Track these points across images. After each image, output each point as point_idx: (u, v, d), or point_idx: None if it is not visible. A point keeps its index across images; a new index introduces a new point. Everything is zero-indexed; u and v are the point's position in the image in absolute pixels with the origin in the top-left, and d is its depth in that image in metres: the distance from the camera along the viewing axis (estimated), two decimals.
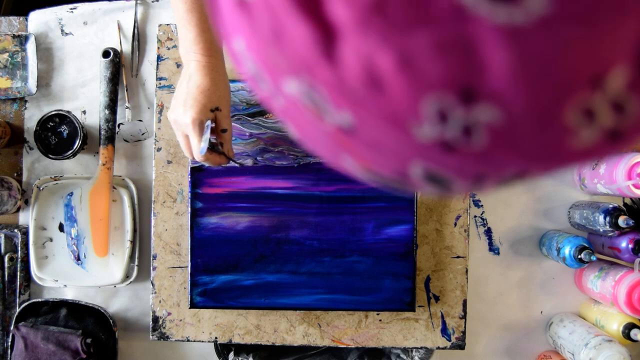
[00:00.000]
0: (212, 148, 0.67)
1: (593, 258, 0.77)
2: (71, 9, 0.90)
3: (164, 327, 0.82)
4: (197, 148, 0.64)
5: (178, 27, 0.66)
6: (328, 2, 0.16)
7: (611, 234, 0.79)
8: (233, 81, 0.77)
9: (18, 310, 0.86)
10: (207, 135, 0.63)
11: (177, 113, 0.64)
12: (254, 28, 0.19)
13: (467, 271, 0.82)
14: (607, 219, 0.78)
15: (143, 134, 0.89)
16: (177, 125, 0.65)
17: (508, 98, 0.16)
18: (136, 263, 0.88)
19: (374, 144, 0.19)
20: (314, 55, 0.17)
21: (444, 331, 0.82)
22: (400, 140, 0.18)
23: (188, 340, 0.82)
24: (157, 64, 0.84)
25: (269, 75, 0.20)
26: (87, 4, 0.90)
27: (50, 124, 0.86)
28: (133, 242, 0.87)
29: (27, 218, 0.90)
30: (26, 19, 0.91)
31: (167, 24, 0.84)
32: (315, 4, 0.17)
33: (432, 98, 0.16)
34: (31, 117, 0.90)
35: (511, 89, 0.15)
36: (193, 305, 0.80)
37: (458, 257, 0.82)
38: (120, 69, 0.89)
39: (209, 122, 0.63)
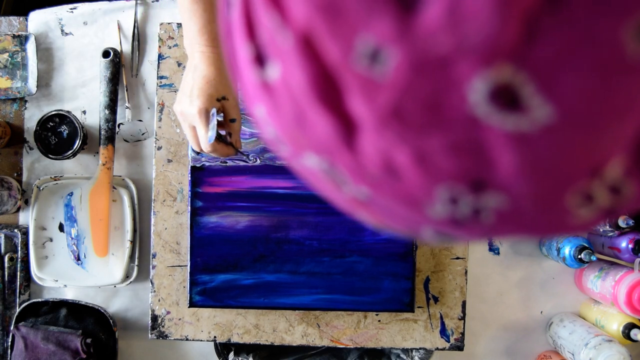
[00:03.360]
0: (220, 138, 0.65)
1: (593, 258, 0.77)
2: (71, 9, 0.91)
3: (163, 326, 0.82)
4: (204, 138, 0.62)
5: (183, 18, 0.65)
6: (349, 99, 0.17)
7: (611, 234, 0.79)
8: None
9: (18, 310, 0.86)
10: (214, 122, 0.62)
11: (183, 104, 0.63)
12: (275, 108, 0.20)
13: (466, 272, 0.82)
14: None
15: (143, 134, 0.89)
16: (184, 116, 0.64)
17: (514, 189, 0.17)
18: (136, 263, 0.88)
19: (389, 212, 0.21)
20: (335, 144, 0.19)
21: (443, 332, 0.82)
22: (413, 215, 0.20)
23: (187, 339, 0.82)
24: (158, 63, 0.84)
25: (289, 144, 0.21)
26: (87, 4, 0.90)
27: (50, 124, 0.86)
28: (133, 242, 0.87)
29: (27, 218, 0.90)
30: (26, 19, 0.91)
31: (169, 23, 0.84)
32: (336, 98, 0.18)
33: (444, 187, 0.18)
34: (31, 117, 0.90)
35: (517, 182, 0.17)
36: (192, 304, 0.80)
37: (457, 258, 0.82)
38: (120, 69, 0.89)
39: (214, 111, 0.62)
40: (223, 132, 0.65)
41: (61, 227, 0.88)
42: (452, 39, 0.15)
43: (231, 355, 0.84)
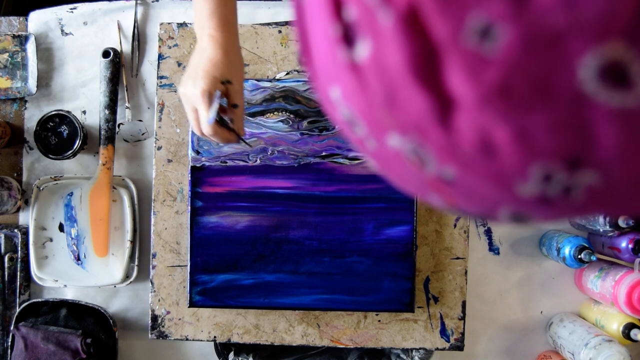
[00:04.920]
0: (222, 123, 0.64)
1: (593, 258, 0.77)
2: (71, 9, 0.91)
3: (162, 326, 0.82)
4: (205, 120, 0.62)
5: (194, 2, 0.64)
6: (449, 77, 0.17)
7: (611, 234, 0.79)
8: None
9: (18, 310, 0.86)
10: (216, 105, 0.60)
11: (187, 86, 0.63)
12: (361, 88, 0.20)
13: (466, 272, 0.82)
14: (607, 219, 0.78)
15: (143, 134, 0.89)
16: (187, 98, 0.63)
17: (611, 166, 0.17)
18: (136, 263, 0.88)
19: (471, 193, 0.21)
20: (428, 122, 0.19)
21: (443, 332, 0.82)
22: (500, 194, 0.20)
23: (187, 339, 0.82)
24: (158, 63, 0.84)
25: (367, 126, 0.21)
26: (87, 4, 0.90)
27: (50, 124, 0.86)
28: (133, 242, 0.87)
29: (27, 218, 0.90)
30: (26, 19, 0.91)
31: (169, 23, 0.84)
32: (434, 76, 0.18)
33: (541, 165, 0.18)
34: (31, 117, 0.90)
35: (616, 159, 0.17)
36: (192, 304, 0.80)
37: (457, 258, 0.82)
38: (120, 69, 0.89)
39: (218, 93, 0.61)
40: (226, 117, 0.65)
41: (61, 227, 0.88)
42: (566, 16, 0.15)
43: (231, 355, 0.84)
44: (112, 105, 0.87)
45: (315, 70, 0.22)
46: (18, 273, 0.89)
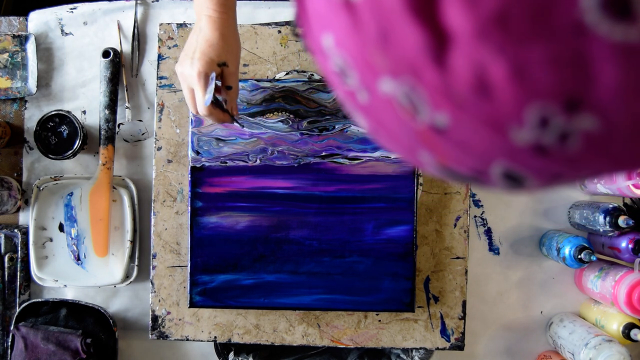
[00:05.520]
0: (217, 104, 0.67)
1: (593, 258, 0.77)
2: (71, 9, 0.90)
3: (163, 326, 0.82)
4: (201, 101, 0.64)
5: None
6: (445, 10, 0.17)
7: (611, 234, 0.79)
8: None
9: (18, 310, 0.86)
10: (212, 87, 0.63)
11: (184, 65, 0.64)
12: (355, 28, 0.19)
13: (466, 272, 0.82)
14: (607, 219, 0.78)
15: (143, 134, 0.89)
16: (183, 77, 0.65)
17: (611, 109, 0.16)
18: (136, 263, 0.88)
19: (463, 143, 0.20)
20: (423, 60, 0.18)
21: (443, 332, 0.82)
22: (494, 142, 0.19)
23: (187, 340, 0.82)
24: (158, 63, 0.84)
25: (359, 72, 0.20)
26: (87, 4, 0.90)
27: (50, 124, 0.86)
28: (133, 242, 0.87)
29: (27, 218, 0.90)
30: (26, 19, 0.91)
31: (168, 23, 0.84)
32: (431, 10, 0.17)
33: (538, 106, 0.17)
34: (31, 117, 0.90)
35: (615, 101, 0.16)
36: (192, 304, 0.80)
37: (458, 258, 0.82)
38: (120, 69, 0.89)
39: (213, 74, 0.63)
40: (221, 98, 0.67)
41: (61, 227, 0.88)
42: None
43: (231, 355, 0.84)
44: (112, 105, 0.87)
45: (309, 21, 0.22)
46: (18, 273, 0.89)
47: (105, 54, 0.87)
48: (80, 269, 0.87)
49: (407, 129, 0.21)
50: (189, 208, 0.80)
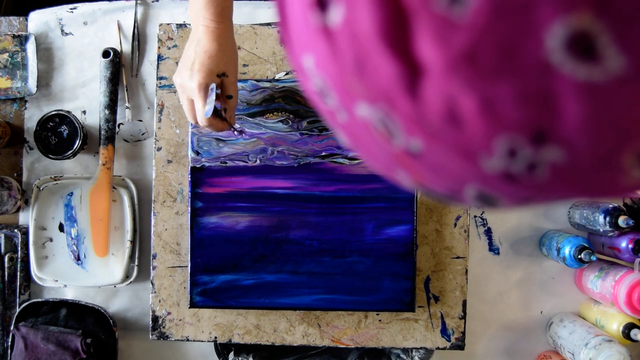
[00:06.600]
0: (216, 113, 0.67)
1: (593, 258, 0.77)
2: (71, 9, 0.90)
3: (163, 327, 0.82)
4: (201, 112, 0.64)
5: None
6: (418, 43, 0.17)
7: (611, 234, 0.79)
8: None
9: (18, 310, 0.86)
10: (213, 98, 0.63)
11: (183, 77, 0.64)
12: (333, 54, 0.20)
13: (466, 272, 0.82)
14: (607, 219, 0.78)
15: (143, 134, 0.89)
16: (183, 89, 0.65)
17: (576, 142, 0.17)
18: (136, 263, 0.88)
19: (437, 167, 0.20)
20: (397, 90, 0.18)
21: (444, 332, 0.82)
22: (465, 168, 0.20)
23: (187, 340, 0.82)
24: (158, 64, 0.84)
25: (338, 95, 0.21)
26: (87, 4, 0.90)
27: (50, 124, 0.86)
28: (133, 242, 0.87)
29: (27, 218, 0.90)
30: (26, 19, 0.91)
31: (168, 24, 0.84)
32: (404, 42, 0.18)
33: (506, 138, 0.18)
34: (31, 117, 0.90)
35: (580, 135, 0.17)
36: (193, 304, 0.80)
37: (458, 257, 0.82)
38: (120, 69, 0.89)
39: (213, 85, 0.63)
40: (219, 107, 0.67)
41: (61, 227, 0.88)
42: None
43: (231, 356, 0.84)
44: (112, 105, 0.87)
45: (290, 39, 0.22)
46: (18, 273, 0.89)
47: (105, 54, 0.87)
48: (80, 269, 0.87)
49: (384, 151, 0.22)
50: (189, 208, 0.80)
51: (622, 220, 0.76)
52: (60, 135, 0.86)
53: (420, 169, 0.21)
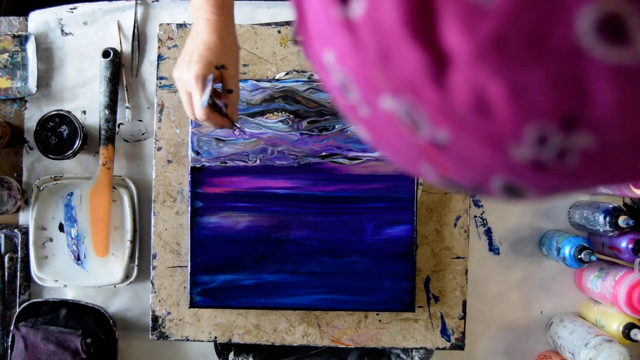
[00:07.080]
0: (216, 108, 0.65)
1: (593, 258, 0.77)
2: (71, 9, 0.90)
3: (163, 327, 0.82)
4: (199, 104, 0.62)
5: None
6: (444, 31, 0.17)
7: (611, 234, 0.79)
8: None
9: (18, 310, 0.86)
10: (209, 88, 0.61)
11: (181, 69, 0.63)
12: (355, 47, 0.19)
13: (466, 272, 0.82)
14: (607, 219, 0.78)
15: (143, 134, 0.89)
16: (181, 81, 0.63)
17: (607, 127, 0.17)
18: (136, 263, 0.88)
19: (463, 158, 0.20)
20: (422, 80, 0.18)
21: (444, 332, 0.82)
22: (493, 158, 0.19)
23: (187, 340, 0.82)
24: (158, 64, 0.84)
25: (361, 89, 0.21)
26: (87, 4, 0.90)
27: (50, 124, 0.86)
28: (133, 242, 0.87)
29: (27, 218, 0.90)
30: (26, 19, 0.91)
31: (168, 24, 0.84)
32: (429, 31, 0.17)
33: (535, 125, 0.17)
34: (31, 117, 0.90)
35: (612, 119, 0.17)
36: (193, 304, 0.80)
37: (458, 257, 0.82)
38: (120, 69, 0.89)
39: (211, 76, 0.61)
40: (220, 102, 0.65)
41: (61, 227, 0.88)
42: None
43: (231, 355, 0.84)
44: (112, 105, 0.87)
45: (309, 35, 0.22)
46: (18, 273, 0.89)
47: (105, 54, 0.87)
48: (80, 269, 0.87)
49: (408, 143, 0.21)
50: (189, 208, 0.80)
51: (622, 220, 0.76)
52: (60, 135, 0.86)
53: (445, 161, 0.21)
